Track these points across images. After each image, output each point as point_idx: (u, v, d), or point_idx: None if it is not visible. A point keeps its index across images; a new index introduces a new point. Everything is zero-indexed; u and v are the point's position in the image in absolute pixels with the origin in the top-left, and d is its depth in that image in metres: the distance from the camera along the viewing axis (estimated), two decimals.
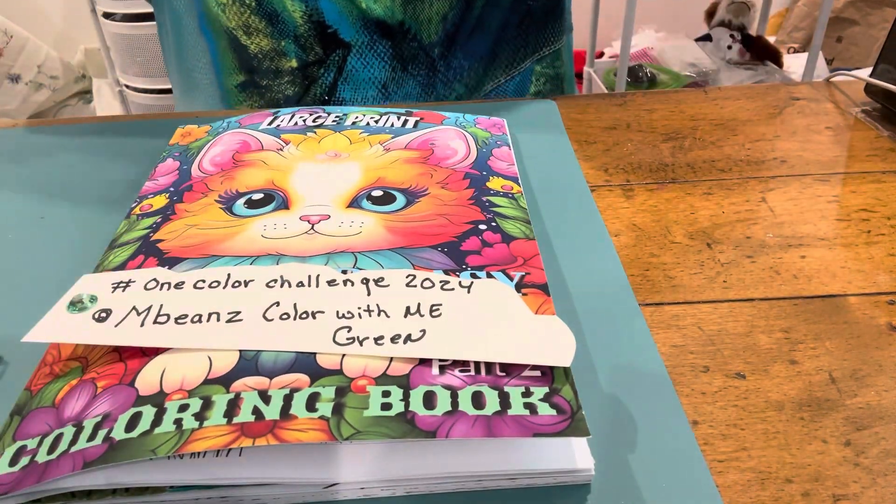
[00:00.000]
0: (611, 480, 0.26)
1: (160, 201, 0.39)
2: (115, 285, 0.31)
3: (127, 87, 1.88)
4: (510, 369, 0.26)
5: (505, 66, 0.64)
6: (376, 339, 0.27)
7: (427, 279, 0.31)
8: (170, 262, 0.33)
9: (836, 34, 2.02)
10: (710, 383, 0.31)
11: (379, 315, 0.29)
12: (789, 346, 0.32)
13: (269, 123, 0.47)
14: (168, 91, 1.79)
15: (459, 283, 0.31)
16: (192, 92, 0.66)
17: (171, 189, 0.40)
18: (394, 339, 0.27)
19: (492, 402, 0.25)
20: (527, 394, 0.25)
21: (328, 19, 0.59)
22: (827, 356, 0.32)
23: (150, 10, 0.63)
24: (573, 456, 0.25)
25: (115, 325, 0.28)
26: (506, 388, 0.26)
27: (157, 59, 1.77)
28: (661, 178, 0.45)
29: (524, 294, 0.30)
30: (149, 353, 0.27)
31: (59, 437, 0.25)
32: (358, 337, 0.28)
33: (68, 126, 0.54)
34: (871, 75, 0.52)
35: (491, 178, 0.40)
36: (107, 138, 0.52)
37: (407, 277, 0.31)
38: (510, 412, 0.25)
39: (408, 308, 0.29)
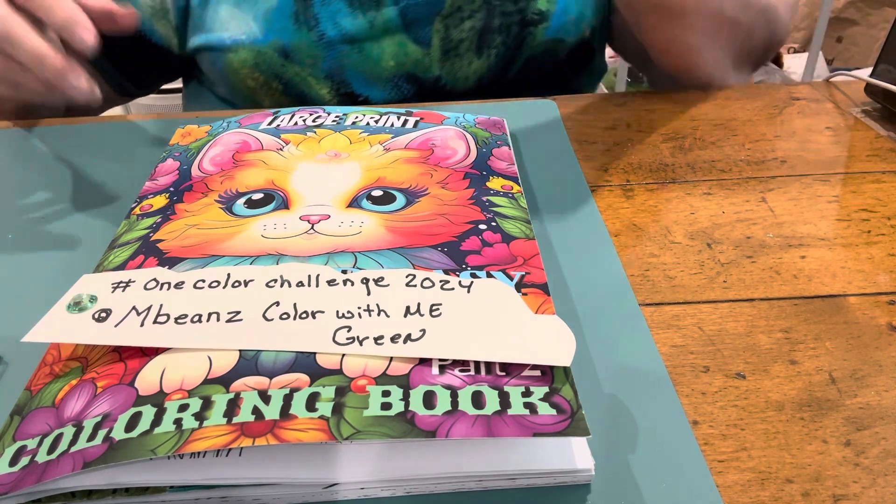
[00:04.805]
0: (611, 480, 0.26)
1: (160, 201, 0.39)
2: (115, 285, 0.31)
3: None
4: (510, 369, 0.26)
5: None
6: (376, 339, 0.27)
7: (427, 279, 0.31)
8: (170, 261, 0.33)
9: (836, 34, 2.02)
10: (710, 383, 0.30)
11: (379, 315, 0.29)
12: (789, 346, 0.32)
13: (269, 123, 0.47)
14: (169, 91, 1.78)
15: (459, 282, 0.31)
16: None
17: (171, 189, 0.40)
18: (394, 339, 0.27)
19: (492, 402, 0.25)
20: (527, 393, 0.25)
21: (356, 89, 0.60)
22: (827, 356, 0.32)
23: None
24: (573, 456, 0.25)
25: (115, 325, 0.28)
26: (506, 388, 0.26)
27: None
28: (661, 178, 0.45)
29: (524, 294, 0.30)
30: (149, 352, 0.27)
31: (58, 437, 0.25)
32: (358, 337, 0.28)
33: (68, 126, 0.54)
34: (871, 75, 0.52)
35: (491, 177, 0.40)
36: (107, 138, 0.52)
37: (407, 277, 0.31)
38: (510, 412, 0.25)
39: (408, 308, 0.29)
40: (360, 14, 0.57)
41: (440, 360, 0.27)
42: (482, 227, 0.35)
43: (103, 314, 0.29)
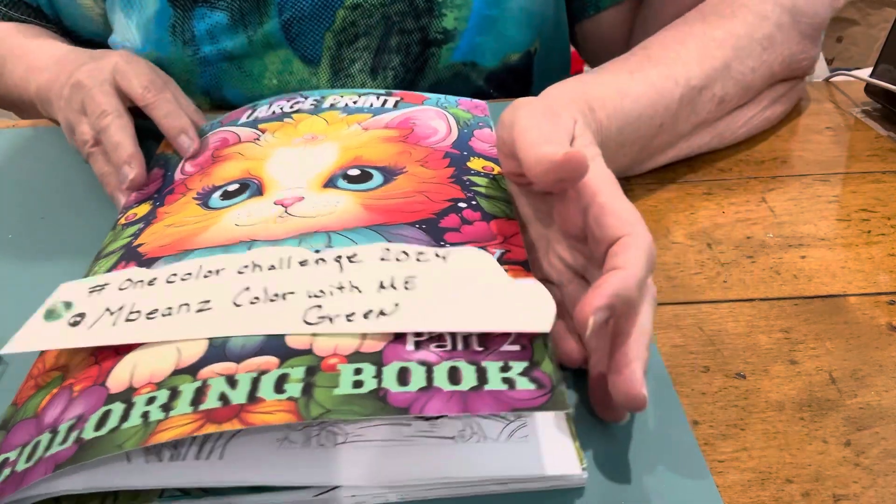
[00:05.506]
0: (610, 481, 0.26)
1: (144, 209, 0.38)
2: (92, 289, 0.30)
3: None
4: (488, 344, 0.25)
5: None
6: (347, 316, 0.26)
7: (403, 252, 0.30)
8: (147, 263, 0.32)
9: (836, 34, 2.01)
10: (710, 383, 0.30)
11: (351, 291, 0.28)
12: (789, 346, 0.32)
13: (248, 117, 0.46)
14: None
15: (436, 253, 0.30)
16: None
17: (155, 196, 0.40)
18: (366, 315, 0.26)
19: (468, 378, 0.24)
20: (505, 368, 0.24)
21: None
22: (827, 356, 0.31)
23: None
24: (564, 462, 0.25)
25: (89, 328, 0.28)
26: (483, 363, 0.25)
27: None
28: (661, 178, 0.45)
29: (504, 270, 0.29)
30: (122, 351, 0.27)
31: (36, 445, 0.24)
32: (329, 315, 0.27)
33: None
34: (871, 75, 0.52)
35: (472, 158, 0.38)
36: None
37: (382, 252, 0.30)
38: (487, 387, 0.24)
39: (381, 282, 0.28)
40: (240, 28, 0.52)
41: (415, 334, 0.26)
42: (462, 205, 0.34)
43: (78, 318, 0.28)
